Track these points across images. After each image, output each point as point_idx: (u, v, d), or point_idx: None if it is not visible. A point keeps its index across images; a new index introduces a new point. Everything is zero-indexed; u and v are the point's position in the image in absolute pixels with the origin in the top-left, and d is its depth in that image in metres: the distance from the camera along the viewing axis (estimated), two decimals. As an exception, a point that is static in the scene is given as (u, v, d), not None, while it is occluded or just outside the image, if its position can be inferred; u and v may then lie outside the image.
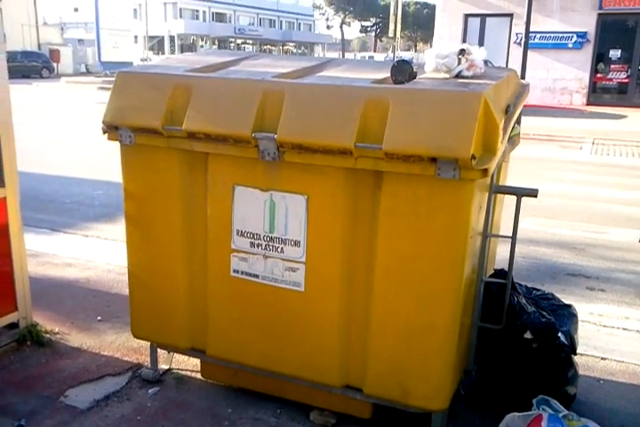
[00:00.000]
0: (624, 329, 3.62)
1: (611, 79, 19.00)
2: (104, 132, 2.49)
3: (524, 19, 13.22)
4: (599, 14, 18.22)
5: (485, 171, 1.92)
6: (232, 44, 61.92)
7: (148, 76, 2.43)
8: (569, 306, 2.67)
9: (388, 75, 2.30)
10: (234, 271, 2.43)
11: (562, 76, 18.92)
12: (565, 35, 18.37)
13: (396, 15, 21.31)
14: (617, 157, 10.79)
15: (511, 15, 18.93)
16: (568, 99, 19.09)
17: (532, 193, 2.35)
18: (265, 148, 2.18)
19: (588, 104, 18.10)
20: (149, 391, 2.75)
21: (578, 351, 2.68)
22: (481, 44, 19.68)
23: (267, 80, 2.24)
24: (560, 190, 7.36)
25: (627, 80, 18.79)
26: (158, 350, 2.85)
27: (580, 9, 18.15)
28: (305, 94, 2.15)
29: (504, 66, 8.36)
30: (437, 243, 2.06)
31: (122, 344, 3.19)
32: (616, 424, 2.59)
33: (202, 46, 59.13)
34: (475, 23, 19.70)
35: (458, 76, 2.22)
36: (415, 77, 2.19)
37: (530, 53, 15.42)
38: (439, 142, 1.91)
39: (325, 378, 2.40)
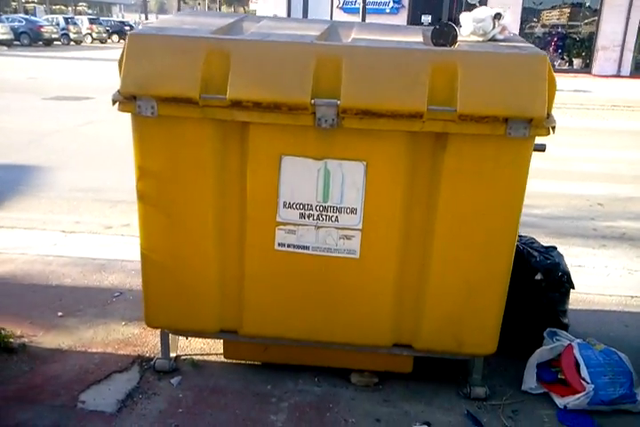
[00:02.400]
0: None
1: (422, 43, 20.56)
2: (114, 103, 2.21)
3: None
4: (411, -19, 19.46)
5: (551, 129, 2.08)
6: (15, 3, 55.07)
7: (170, 39, 2.17)
8: (555, 247, 3.00)
9: (421, 38, 2.34)
10: (279, 245, 2.34)
11: (382, 40, 20.01)
12: (383, 0, 19.34)
13: (215, -24, 20.59)
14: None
15: (332, -20, 19.42)
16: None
17: (541, 148, 2.57)
18: (323, 115, 2.10)
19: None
20: (172, 382, 2.57)
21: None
22: (305, 7, 19.97)
23: (318, 43, 2.14)
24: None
25: (436, 44, 20.47)
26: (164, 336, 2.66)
27: (395, -24, 19.20)
28: (365, 59, 2.10)
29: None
30: (500, 199, 2.19)
31: (106, 338, 2.91)
32: (601, 346, 3.00)
33: (-22, 5, 51.77)
34: (298, -13, 19.88)
35: (491, 39, 2.32)
36: (457, 41, 2.26)
37: (351, 18, 15.95)
38: (514, 103, 2.02)
39: (376, 341, 2.45)
